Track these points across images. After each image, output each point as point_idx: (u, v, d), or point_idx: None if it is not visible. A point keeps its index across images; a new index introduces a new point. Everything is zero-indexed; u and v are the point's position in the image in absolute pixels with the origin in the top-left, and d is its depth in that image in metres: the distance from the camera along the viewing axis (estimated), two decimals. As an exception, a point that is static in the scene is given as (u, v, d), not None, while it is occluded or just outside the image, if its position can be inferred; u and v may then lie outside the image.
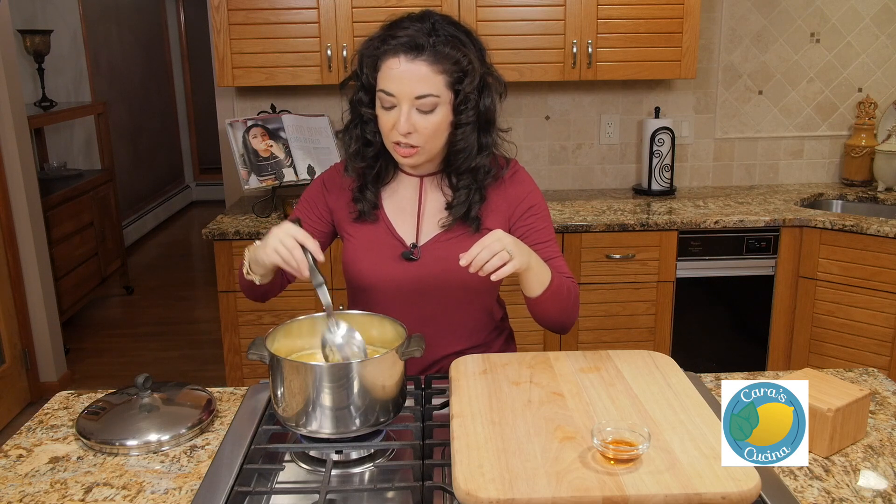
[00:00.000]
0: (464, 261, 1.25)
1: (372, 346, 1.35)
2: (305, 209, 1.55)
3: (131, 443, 1.21)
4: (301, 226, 1.29)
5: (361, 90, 1.42)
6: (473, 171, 1.43)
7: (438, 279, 1.46)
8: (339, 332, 1.28)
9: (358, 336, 1.28)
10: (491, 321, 1.58)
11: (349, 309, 1.47)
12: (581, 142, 3.32)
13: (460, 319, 1.51)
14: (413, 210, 1.50)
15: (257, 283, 1.41)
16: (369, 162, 1.47)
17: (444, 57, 1.33)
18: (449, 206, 1.46)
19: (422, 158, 1.41)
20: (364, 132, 1.44)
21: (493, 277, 1.25)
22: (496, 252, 1.24)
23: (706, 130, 3.34)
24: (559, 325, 1.46)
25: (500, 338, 1.62)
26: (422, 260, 1.47)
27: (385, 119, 1.37)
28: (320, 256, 1.25)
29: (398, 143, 1.38)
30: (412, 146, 1.37)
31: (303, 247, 1.26)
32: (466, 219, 1.45)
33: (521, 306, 1.48)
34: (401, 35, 1.33)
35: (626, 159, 3.35)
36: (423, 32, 1.33)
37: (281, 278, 1.51)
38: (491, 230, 1.36)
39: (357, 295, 1.54)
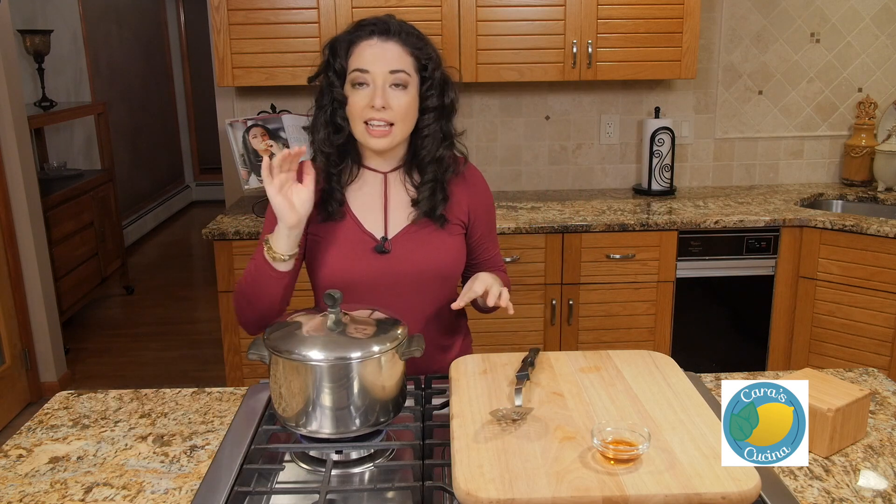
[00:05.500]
0: (458, 304, 1.37)
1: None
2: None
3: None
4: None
5: (333, 75, 1.44)
6: (437, 161, 1.46)
7: (412, 270, 1.48)
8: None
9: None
10: (461, 314, 1.64)
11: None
12: (581, 142, 3.32)
13: (434, 311, 1.52)
14: (379, 205, 1.51)
15: (283, 269, 1.38)
16: (336, 150, 1.47)
17: (411, 42, 1.42)
18: (415, 202, 1.49)
19: (394, 140, 1.42)
20: (335, 117, 1.45)
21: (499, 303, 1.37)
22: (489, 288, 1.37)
23: (706, 130, 3.34)
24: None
25: (468, 336, 1.68)
26: (393, 252, 1.48)
27: (358, 98, 1.40)
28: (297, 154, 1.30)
29: (369, 124, 1.40)
30: (388, 123, 1.40)
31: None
32: (433, 216, 1.48)
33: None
34: (369, 26, 1.42)
35: (626, 159, 3.35)
36: (389, 25, 1.42)
37: (291, 279, 1.47)
38: (453, 223, 1.49)
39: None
